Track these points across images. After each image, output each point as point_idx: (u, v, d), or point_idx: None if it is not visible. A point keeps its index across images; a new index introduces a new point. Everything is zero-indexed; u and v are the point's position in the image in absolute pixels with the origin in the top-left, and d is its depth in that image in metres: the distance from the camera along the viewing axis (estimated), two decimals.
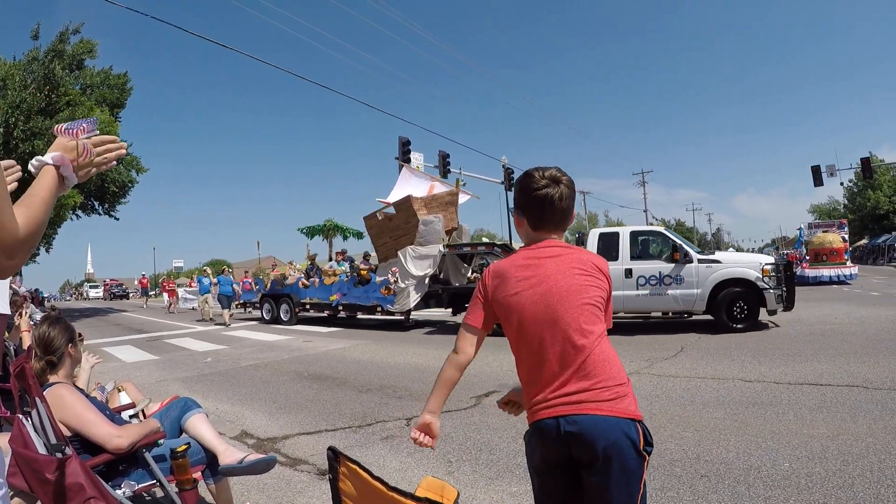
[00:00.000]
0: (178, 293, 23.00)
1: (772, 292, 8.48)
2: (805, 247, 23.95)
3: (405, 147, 17.16)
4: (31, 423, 1.92)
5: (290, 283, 14.35)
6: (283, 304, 14.35)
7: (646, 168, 51.89)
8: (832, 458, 3.19)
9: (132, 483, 2.22)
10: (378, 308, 12.15)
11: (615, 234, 9.73)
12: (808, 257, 21.69)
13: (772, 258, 9.82)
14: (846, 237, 23.22)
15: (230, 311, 15.39)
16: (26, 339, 3.83)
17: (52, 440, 1.88)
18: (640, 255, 9.46)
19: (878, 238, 39.63)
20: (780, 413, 4.18)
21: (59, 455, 1.79)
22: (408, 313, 12.02)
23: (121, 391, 3.17)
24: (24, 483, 1.79)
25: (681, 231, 55.50)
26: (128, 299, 44.77)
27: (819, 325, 8.68)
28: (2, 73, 19.33)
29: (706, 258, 9.02)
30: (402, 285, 11.66)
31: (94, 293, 55.63)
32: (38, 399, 1.94)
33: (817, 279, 19.32)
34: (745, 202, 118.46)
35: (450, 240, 12.51)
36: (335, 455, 1.34)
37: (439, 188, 14.67)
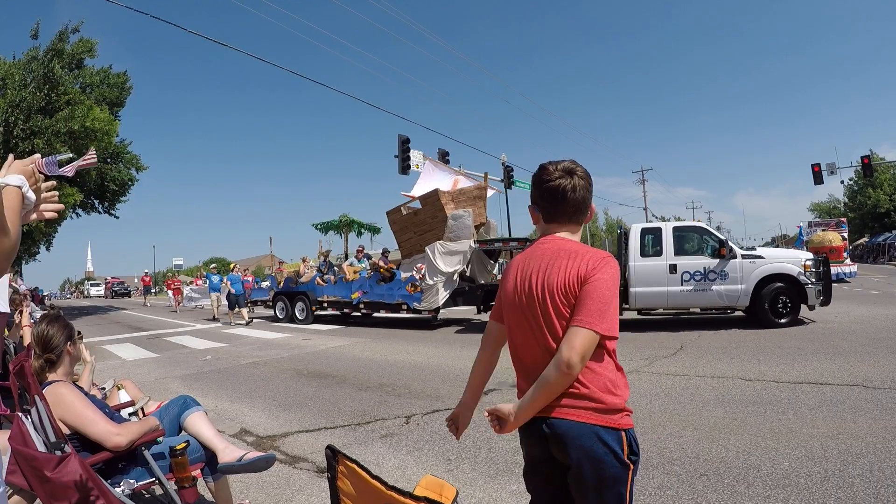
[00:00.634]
0: (182, 292, 23.00)
1: (812, 287, 8.53)
2: (805, 245, 23.97)
3: (404, 145, 17.09)
4: (31, 421, 1.92)
5: (305, 280, 13.83)
6: (299, 302, 13.76)
7: (645, 166, 51.63)
8: (832, 457, 3.19)
9: (131, 481, 2.22)
10: (403, 306, 11.54)
11: (658, 229, 9.57)
12: None
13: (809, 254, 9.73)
14: (845, 236, 23.31)
15: (248, 309, 15.27)
16: (27, 337, 3.84)
17: (52, 438, 1.89)
18: (683, 250, 9.35)
19: (879, 237, 39.53)
20: (780, 412, 4.18)
21: (58, 453, 1.80)
22: (436, 311, 11.28)
23: (120, 389, 3.17)
24: (24, 481, 1.79)
25: None
26: (129, 297, 44.82)
27: (819, 324, 8.68)
28: (1, 73, 19.34)
29: (750, 254, 9.03)
30: (430, 282, 11.03)
31: (95, 291, 55.74)
32: (37, 397, 1.94)
33: None
34: (745, 200, 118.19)
35: (478, 235, 12.00)
36: (334, 454, 1.34)
37: (464, 182, 14.30)
